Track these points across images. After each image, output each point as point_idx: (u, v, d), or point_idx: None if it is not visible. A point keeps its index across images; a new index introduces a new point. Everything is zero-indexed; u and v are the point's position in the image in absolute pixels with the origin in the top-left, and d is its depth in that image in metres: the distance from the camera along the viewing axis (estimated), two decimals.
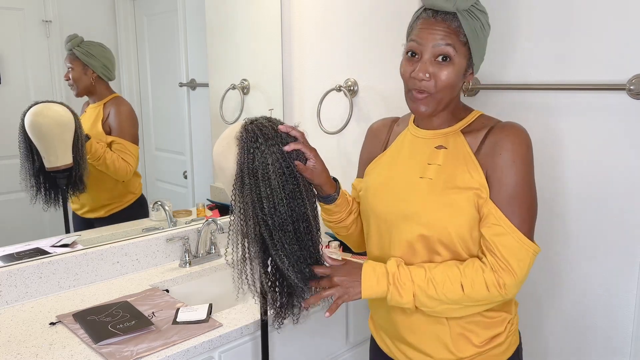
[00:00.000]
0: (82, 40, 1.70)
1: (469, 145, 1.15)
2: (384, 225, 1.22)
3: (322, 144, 2.15)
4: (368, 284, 1.14)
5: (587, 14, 1.46)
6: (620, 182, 1.46)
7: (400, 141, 1.27)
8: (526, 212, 1.11)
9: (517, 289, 1.11)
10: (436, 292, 1.10)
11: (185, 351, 1.30)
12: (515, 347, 1.23)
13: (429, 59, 1.10)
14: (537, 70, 1.57)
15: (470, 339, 1.17)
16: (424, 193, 1.15)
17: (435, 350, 1.20)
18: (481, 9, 1.11)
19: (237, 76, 2.15)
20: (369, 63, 1.93)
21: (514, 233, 1.09)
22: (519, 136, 1.11)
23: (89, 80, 1.76)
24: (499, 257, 1.09)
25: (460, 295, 1.10)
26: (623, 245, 1.48)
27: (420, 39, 1.11)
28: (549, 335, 1.66)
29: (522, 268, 1.09)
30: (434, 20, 1.10)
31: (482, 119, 1.19)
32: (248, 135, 1.13)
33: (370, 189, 1.26)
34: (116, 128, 1.83)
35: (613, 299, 1.51)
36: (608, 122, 1.46)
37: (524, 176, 1.10)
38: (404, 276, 1.12)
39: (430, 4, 1.11)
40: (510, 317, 1.20)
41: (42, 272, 1.61)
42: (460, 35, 1.09)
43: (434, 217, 1.13)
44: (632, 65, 1.40)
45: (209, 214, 2.08)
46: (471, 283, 1.09)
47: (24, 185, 1.64)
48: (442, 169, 1.15)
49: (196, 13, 2.01)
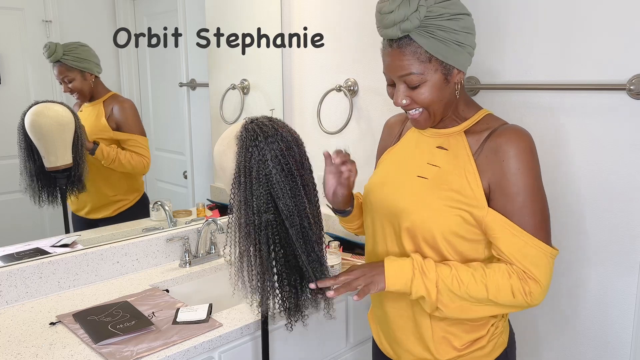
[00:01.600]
0: (63, 46, 1.66)
1: (470, 146, 1.14)
2: (378, 218, 1.24)
3: (322, 144, 2.15)
4: (392, 272, 1.11)
5: (587, 14, 1.46)
6: (620, 182, 1.46)
7: (408, 137, 1.29)
8: (540, 218, 1.09)
9: (543, 297, 1.09)
10: (459, 288, 1.08)
11: (185, 351, 1.30)
12: (503, 349, 1.22)
13: (402, 86, 1.12)
14: (537, 70, 1.57)
15: (451, 342, 1.18)
16: (416, 192, 1.16)
17: (417, 350, 1.21)
18: (436, 14, 1.05)
19: (237, 76, 2.15)
20: (369, 63, 1.93)
21: (531, 241, 1.07)
22: (521, 141, 1.09)
23: (89, 83, 1.75)
24: (522, 269, 1.08)
25: (484, 296, 1.08)
26: (623, 245, 1.47)
27: (387, 71, 1.13)
28: (546, 336, 1.66)
29: (545, 276, 1.08)
30: (390, 50, 1.10)
31: (487, 120, 1.17)
32: (248, 134, 1.13)
33: (371, 183, 1.29)
34: (124, 123, 1.83)
35: (613, 300, 1.51)
36: (608, 122, 1.46)
37: (531, 182, 1.08)
38: (429, 266, 1.10)
39: (381, 35, 1.12)
40: (495, 321, 1.20)
41: (42, 272, 1.61)
42: (420, 55, 1.07)
43: (419, 216, 1.14)
44: (632, 65, 1.40)
45: (209, 214, 2.08)
46: (496, 286, 1.08)
47: (24, 185, 1.64)
48: (440, 170, 1.16)
49: (196, 13, 2.01)
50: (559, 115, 1.54)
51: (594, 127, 1.48)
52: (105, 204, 1.85)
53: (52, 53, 1.64)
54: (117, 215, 1.87)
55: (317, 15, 2.06)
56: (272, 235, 1.13)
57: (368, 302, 1.76)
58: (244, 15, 2.12)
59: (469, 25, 1.10)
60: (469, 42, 1.11)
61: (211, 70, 2.10)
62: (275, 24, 2.14)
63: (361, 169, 2.04)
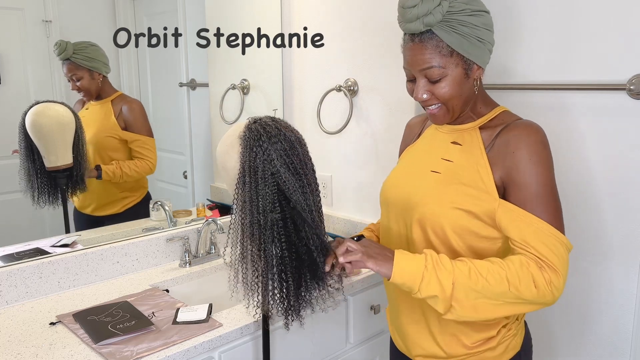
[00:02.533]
0: (73, 45, 1.69)
1: (483, 141, 1.15)
2: (393, 213, 1.25)
3: (322, 144, 2.15)
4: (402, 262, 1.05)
5: (587, 14, 1.46)
6: (620, 182, 1.46)
7: (425, 134, 1.31)
8: (554, 208, 1.08)
9: (562, 289, 1.05)
10: (477, 282, 1.02)
11: (185, 351, 1.30)
12: (516, 352, 1.20)
13: (423, 81, 1.12)
14: (538, 70, 1.57)
15: (461, 339, 1.18)
16: (429, 186, 1.17)
17: (426, 344, 1.22)
18: (458, 9, 1.07)
19: (237, 76, 2.15)
20: (369, 63, 1.93)
21: (547, 229, 1.04)
22: (532, 134, 1.09)
23: (97, 82, 1.77)
24: (539, 256, 1.04)
25: (504, 289, 1.02)
26: (623, 245, 1.48)
27: (407, 64, 1.14)
28: (549, 335, 1.66)
29: (564, 266, 1.04)
30: (412, 44, 1.11)
31: (502, 116, 1.18)
32: (251, 134, 1.13)
33: (387, 179, 1.31)
34: (132, 124, 1.86)
35: (613, 299, 1.51)
36: (608, 122, 1.46)
37: (544, 173, 1.08)
38: (444, 260, 1.05)
39: (404, 30, 1.12)
40: (507, 322, 1.19)
41: (42, 272, 1.61)
42: (442, 50, 1.08)
43: (429, 209, 1.14)
44: (632, 65, 1.40)
45: (209, 214, 2.08)
46: (517, 277, 1.02)
47: (24, 185, 1.64)
48: (453, 165, 1.17)
49: (196, 13, 2.01)
50: (559, 115, 1.55)
51: (594, 128, 1.49)
52: (112, 201, 1.86)
53: (63, 51, 1.66)
54: (123, 212, 1.88)
55: (317, 15, 2.06)
56: (277, 234, 1.13)
57: (370, 300, 1.76)
58: (244, 15, 2.12)
59: (488, 23, 1.11)
60: (489, 39, 1.12)
61: (211, 70, 2.10)
62: (275, 24, 2.14)
63: (361, 169, 2.05)
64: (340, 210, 2.12)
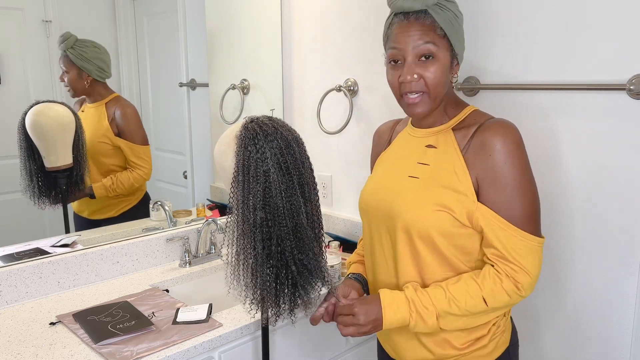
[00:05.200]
0: (76, 40, 1.68)
1: (458, 143, 1.16)
2: (374, 222, 1.25)
3: (322, 144, 2.15)
4: (388, 314, 1.14)
5: (587, 13, 1.46)
6: (620, 182, 1.46)
7: (398, 140, 1.31)
8: (529, 209, 1.11)
9: (533, 287, 1.12)
10: (459, 309, 1.11)
11: (185, 351, 1.30)
12: (505, 348, 1.22)
13: (413, 61, 1.13)
14: (537, 70, 1.57)
15: (451, 342, 1.19)
16: (409, 192, 1.18)
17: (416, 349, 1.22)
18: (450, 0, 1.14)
19: (237, 76, 2.15)
20: (369, 63, 1.93)
21: (517, 234, 1.09)
22: (507, 135, 1.10)
23: (84, 83, 1.75)
24: (511, 261, 1.10)
25: (483, 308, 1.12)
26: (622, 245, 1.47)
27: (399, 44, 1.14)
28: (547, 336, 1.66)
29: (534, 266, 1.11)
30: (407, 22, 1.12)
31: (474, 115, 1.19)
32: (248, 133, 1.13)
33: (365, 189, 1.30)
34: (125, 132, 1.84)
35: (612, 300, 1.51)
36: (608, 122, 1.46)
37: (518, 174, 1.10)
38: (424, 300, 1.13)
39: (399, 8, 1.13)
40: (496, 320, 1.20)
41: (42, 272, 1.61)
42: (436, 30, 1.12)
43: (413, 215, 1.14)
44: (632, 65, 1.40)
45: (209, 214, 2.08)
46: (492, 295, 1.11)
47: (24, 185, 1.64)
48: (430, 168, 1.17)
49: (196, 13, 2.01)
50: (559, 116, 1.55)
51: (594, 128, 1.48)
52: (108, 205, 1.85)
53: (63, 42, 1.66)
54: (120, 215, 1.87)
55: (317, 16, 2.06)
56: (266, 232, 1.13)
57: None
58: (244, 15, 2.13)
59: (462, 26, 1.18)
60: (463, 34, 1.18)
61: (211, 70, 2.10)
62: (275, 24, 2.14)
63: (361, 169, 2.05)
64: (340, 210, 2.12)
